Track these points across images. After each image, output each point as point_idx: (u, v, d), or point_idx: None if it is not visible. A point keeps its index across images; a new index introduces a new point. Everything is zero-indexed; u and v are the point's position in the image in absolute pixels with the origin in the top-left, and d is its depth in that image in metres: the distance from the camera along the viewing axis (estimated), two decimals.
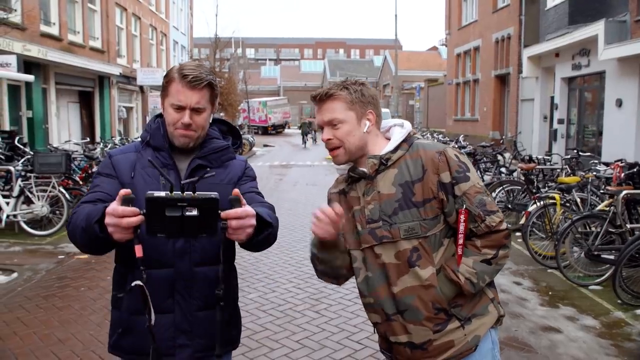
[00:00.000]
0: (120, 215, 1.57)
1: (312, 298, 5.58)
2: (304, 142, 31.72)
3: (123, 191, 1.61)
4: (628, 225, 6.16)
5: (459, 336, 1.92)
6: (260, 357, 4.18)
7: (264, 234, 1.77)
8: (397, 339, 1.98)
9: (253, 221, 1.66)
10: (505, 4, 20.31)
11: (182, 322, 1.95)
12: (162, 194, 1.55)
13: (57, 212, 8.42)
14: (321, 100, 1.98)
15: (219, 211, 1.58)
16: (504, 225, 1.91)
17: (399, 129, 2.02)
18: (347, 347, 4.39)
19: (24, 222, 8.27)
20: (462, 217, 1.88)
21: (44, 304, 5.36)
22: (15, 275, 6.31)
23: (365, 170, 1.98)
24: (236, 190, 1.67)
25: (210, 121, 2.09)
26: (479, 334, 1.93)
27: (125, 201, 1.59)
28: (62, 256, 7.14)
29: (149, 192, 1.57)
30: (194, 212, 1.54)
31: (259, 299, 5.49)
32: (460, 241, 1.91)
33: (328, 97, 1.97)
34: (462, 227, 1.89)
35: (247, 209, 1.65)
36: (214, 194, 1.57)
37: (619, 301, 5.36)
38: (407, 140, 1.99)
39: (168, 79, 1.96)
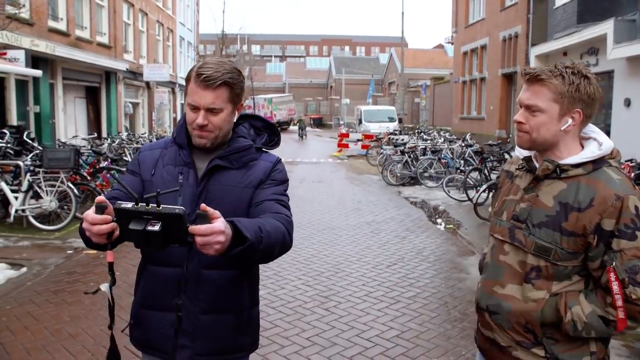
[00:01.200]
0: (91, 222, 1.60)
1: (321, 295, 5.58)
2: (300, 135, 36.46)
3: (98, 198, 1.63)
4: None
5: None
6: (271, 354, 4.19)
7: (238, 249, 1.64)
8: (484, 331, 1.97)
9: (219, 238, 1.55)
10: (513, 2, 20.23)
11: (185, 323, 1.93)
12: (129, 205, 1.55)
13: (66, 207, 8.44)
14: (530, 81, 1.80)
15: (187, 224, 1.55)
16: None
17: (595, 146, 1.80)
18: (358, 345, 4.38)
19: (33, 216, 8.29)
20: (612, 276, 1.68)
21: (54, 299, 5.37)
22: (24, 269, 6.34)
23: (537, 167, 1.84)
24: (203, 206, 1.58)
25: (235, 119, 2.06)
26: None
27: (99, 209, 1.62)
28: (71, 251, 7.15)
29: (118, 202, 1.58)
30: (156, 228, 1.53)
31: (268, 296, 5.48)
32: (620, 303, 1.68)
33: (538, 80, 1.77)
34: (616, 288, 1.68)
35: (214, 226, 1.55)
36: (178, 209, 1.54)
37: None
38: (596, 163, 1.77)
39: (187, 77, 1.94)
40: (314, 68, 68.96)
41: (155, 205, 1.53)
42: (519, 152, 1.94)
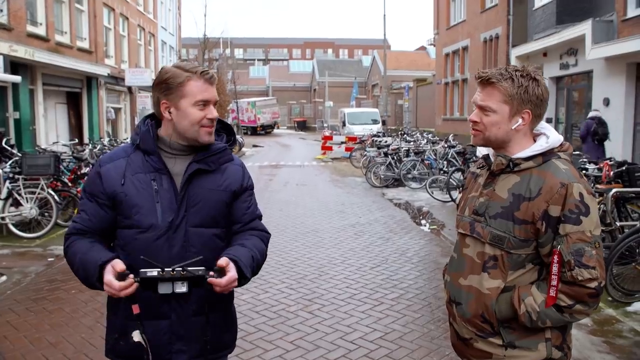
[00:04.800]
0: (119, 290, 1.76)
1: (305, 299, 5.57)
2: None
3: (118, 267, 1.77)
4: (618, 223, 6.21)
5: (498, 353, 1.92)
6: (254, 359, 4.15)
7: (241, 284, 1.93)
8: (452, 323, 2.08)
9: (235, 284, 1.86)
10: (493, 4, 20.41)
11: (178, 328, 1.95)
12: (155, 273, 1.74)
13: (46, 214, 8.34)
14: (482, 83, 1.92)
15: (207, 278, 1.81)
16: (592, 284, 1.77)
17: (544, 140, 1.92)
18: (342, 348, 4.38)
19: (13, 224, 8.18)
20: (555, 258, 1.79)
21: (34, 307, 5.30)
22: (4, 278, 6.24)
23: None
24: (221, 262, 1.82)
25: None
26: None
27: (121, 276, 1.76)
28: (52, 259, 7.07)
29: (143, 270, 1.76)
30: (184, 289, 1.77)
31: (252, 300, 5.46)
32: (554, 282, 1.79)
33: (489, 82, 1.89)
34: (555, 269, 1.79)
35: (231, 276, 1.82)
36: (201, 270, 1.78)
37: (609, 298, 5.39)
38: (545, 155, 1.89)
39: (181, 79, 1.93)
40: (297, 71, 68.91)
41: (180, 269, 1.76)
42: (479, 152, 2.07)
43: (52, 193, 8.25)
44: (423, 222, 9.81)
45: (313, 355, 4.26)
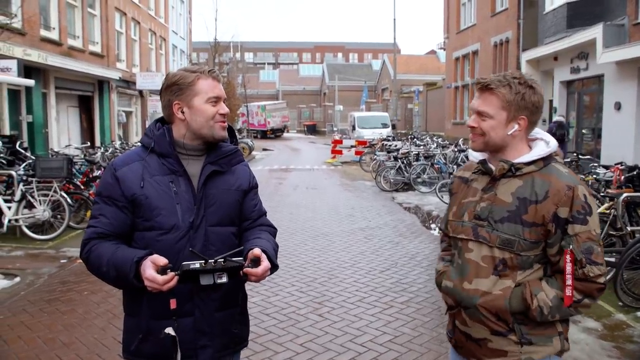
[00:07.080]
0: (162, 284, 1.80)
1: (315, 301, 5.59)
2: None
3: (161, 261, 1.81)
4: (628, 228, 6.18)
5: (513, 350, 1.96)
6: None
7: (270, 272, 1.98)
8: (459, 327, 2.09)
9: (268, 273, 1.93)
10: (503, 8, 20.39)
11: (202, 324, 2.00)
12: (197, 265, 1.80)
13: (59, 216, 8.43)
14: (481, 89, 1.99)
15: (243, 265, 1.88)
16: (601, 280, 1.87)
17: (543, 145, 1.99)
18: (351, 350, 4.40)
19: (26, 226, 8.28)
20: (568, 258, 1.86)
21: (47, 308, 5.37)
22: (17, 279, 6.32)
23: (493, 168, 2.00)
24: (256, 253, 1.89)
25: None
26: (534, 357, 1.96)
27: (163, 270, 1.81)
28: (64, 260, 7.15)
29: (186, 263, 1.81)
30: (224, 279, 1.82)
31: (262, 303, 5.50)
32: (569, 282, 1.87)
33: (488, 89, 1.97)
34: (569, 268, 1.86)
35: (264, 266, 1.89)
36: (240, 261, 1.86)
37: (620, 303, 5.37)
38: (545, 159, 1.96)
39: (191, 79, 2.00)
40: (307, 75, 69.01)
41: (222, 260, 1.82)
42: (473, 157, 2.10)
43: (65, 195, 8.33)
44: (432, 226, 9.81)
45: (323, 357, 4.28)
